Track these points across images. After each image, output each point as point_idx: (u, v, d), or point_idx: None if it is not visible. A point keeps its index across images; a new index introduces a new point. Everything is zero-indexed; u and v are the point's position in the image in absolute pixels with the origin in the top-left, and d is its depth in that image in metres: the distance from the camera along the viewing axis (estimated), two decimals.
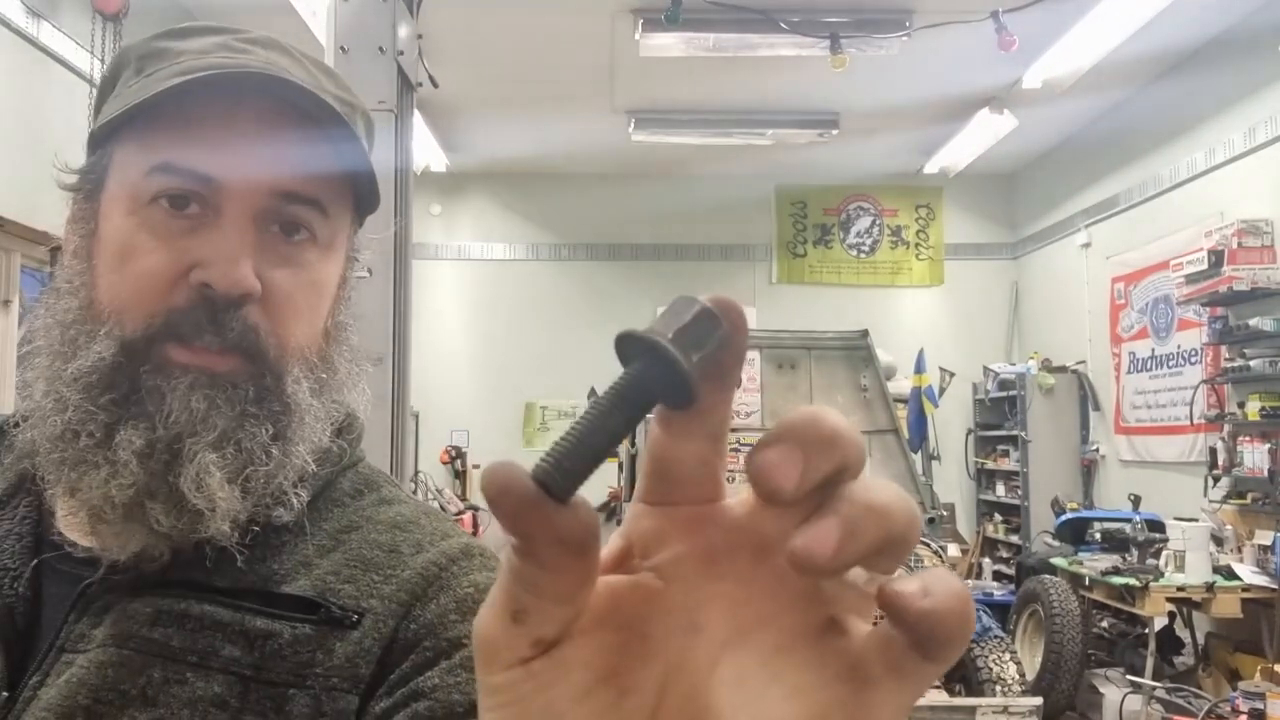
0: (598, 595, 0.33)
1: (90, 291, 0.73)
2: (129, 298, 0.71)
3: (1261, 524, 5.67)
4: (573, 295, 9.45)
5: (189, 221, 0.72)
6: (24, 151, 4.36)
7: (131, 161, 0.73)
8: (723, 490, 0.35)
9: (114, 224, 0.73)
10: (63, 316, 0.73)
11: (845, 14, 5.80)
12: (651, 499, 0.35)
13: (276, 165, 0.73)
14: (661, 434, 0.34)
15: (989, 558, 8.24)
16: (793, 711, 0.32)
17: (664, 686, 0.33)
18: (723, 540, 0.34)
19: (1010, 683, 4.57)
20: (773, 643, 0.33)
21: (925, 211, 9.56)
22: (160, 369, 0.70)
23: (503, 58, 6.70)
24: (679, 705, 0.33)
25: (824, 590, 0.33)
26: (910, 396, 5.82)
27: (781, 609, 0.33)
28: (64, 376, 0.71)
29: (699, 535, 0.34)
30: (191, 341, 0.71)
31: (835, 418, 0.33)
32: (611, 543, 0.35)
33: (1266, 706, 4.24)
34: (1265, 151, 5.86)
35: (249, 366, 0.72)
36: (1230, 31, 6.18)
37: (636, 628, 0.33)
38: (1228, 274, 5.73)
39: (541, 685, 0.32)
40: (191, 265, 0.71)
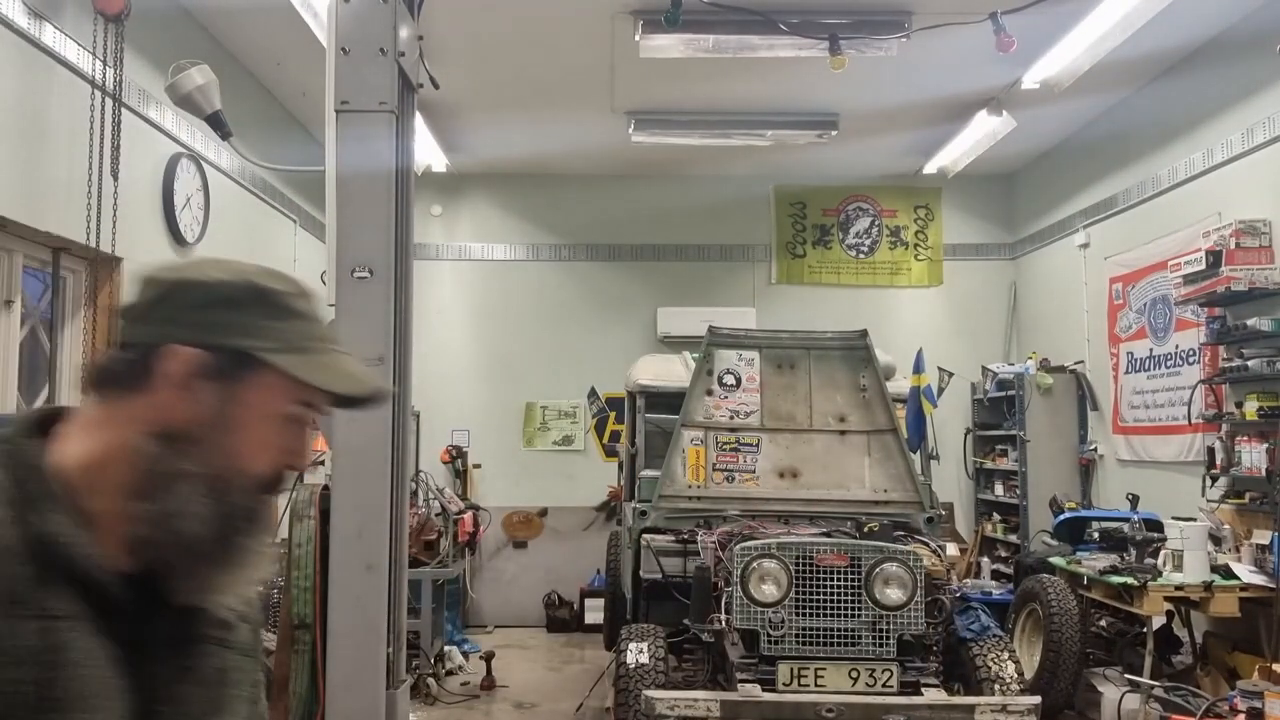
0: None
1: (231, 456, 1.08)
2: (254, 467, 1.10)
3: (1259, 523, 5.68)
4: (573, 295, 9.46)
5: (295, 429, 1.14)
6: (26, 152, 4.37)
7: (279, 389, 1.10)
8: None
9: (258, 419, 1.10)
10: (210, 461, 1.07)
11: (844, 15, 5.82)
12: None
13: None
14: None
15: (987, 557, 8.26)
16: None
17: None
18: None
19: (1009, 681, 4.59)
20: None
21: (924, 212, 9.58)
22: (251, 514, 1.11)
23: (503, 59, 6.72)
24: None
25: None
26: (909, 396, 5.83)
27: None
28: (224, 509, 1.07)
29: None
30: (273, 494, 1.15)
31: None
32: None
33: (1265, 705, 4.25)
34: (1263, 152, 5.88)
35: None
36: (1228, 33, 6.20)
37: None
38: (1225, 274, 5.74)
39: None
40: (289, 454, 1.14)
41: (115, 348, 1.10)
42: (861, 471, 5.49)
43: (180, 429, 1.07)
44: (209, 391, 1.07)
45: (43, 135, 4.47)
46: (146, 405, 1.06)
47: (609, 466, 8.96)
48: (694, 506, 5.40)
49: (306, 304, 1.15)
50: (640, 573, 5.23)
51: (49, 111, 4.51)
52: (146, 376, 1.06)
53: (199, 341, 1.06)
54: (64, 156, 4.57)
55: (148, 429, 1.06)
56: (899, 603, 4.42)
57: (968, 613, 4.97)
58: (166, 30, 5.60)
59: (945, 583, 4.71)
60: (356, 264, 3.50)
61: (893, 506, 5.38)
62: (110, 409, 1.08)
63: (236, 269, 1.12)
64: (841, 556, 4.49)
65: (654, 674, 4.51)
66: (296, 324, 1.12)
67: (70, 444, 1.07)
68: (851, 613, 4.44)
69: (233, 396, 1.08)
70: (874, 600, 4.42)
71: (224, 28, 6.14)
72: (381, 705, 3.35)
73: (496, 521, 9.05)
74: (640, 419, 6.20)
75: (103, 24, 4.70)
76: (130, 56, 4.87)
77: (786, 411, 5.60)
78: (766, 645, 4.41)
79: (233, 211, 6.52)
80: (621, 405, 7.87)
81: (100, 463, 1.05)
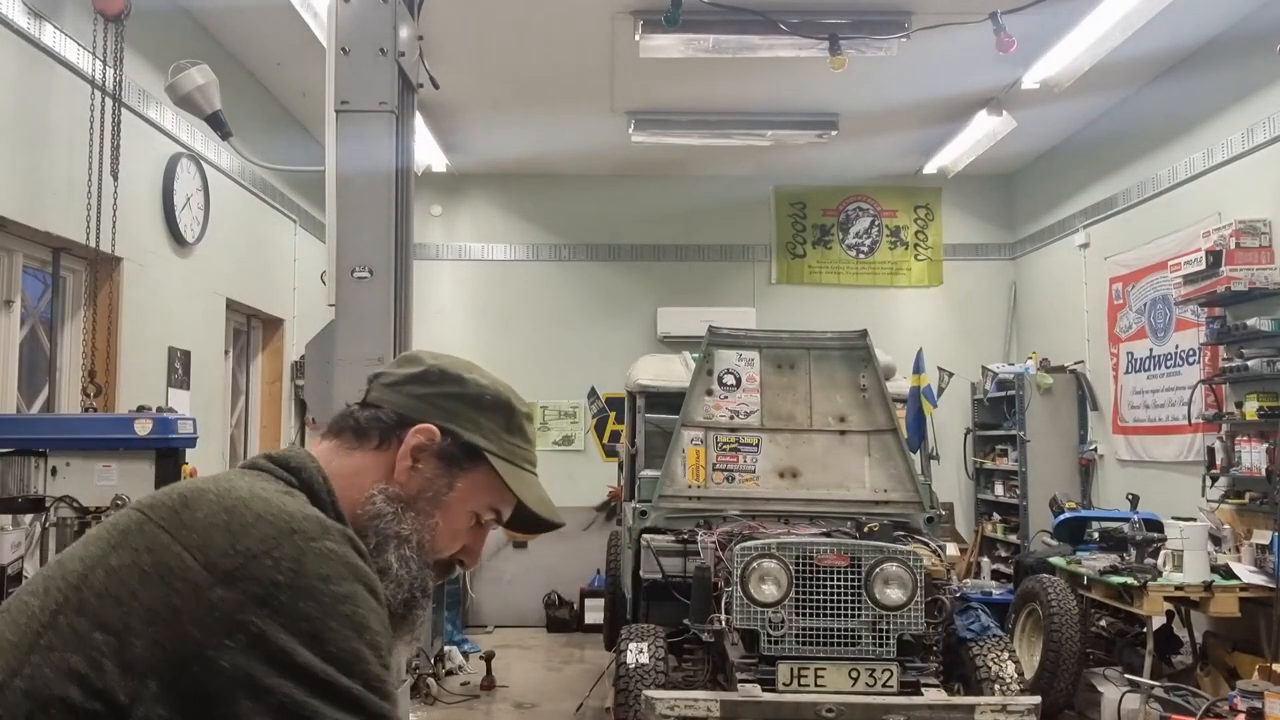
0: None
1: (431, 536, 1.20)
2: (442, 548, 1.23)
3: (1259, 523, 5.68)
4: (573, 295, 9.46)
5: (476, 529, 1.27)
6: (26, 152, 4.37)
7: (486, 490, 1.24)
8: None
9: (459, 508, 1.23)
10: (418, 538, 1.18)
11: (844, 15, 5.82)
12: None
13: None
14: None
15: (987, 557, 8.26)
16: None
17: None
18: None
19: (1009, 681, 4.58)
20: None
21: (924, 212, 9.58)
22: (428, 590, 1.22)
23: (503, 59, 6.72)
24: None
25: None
26: (909, 396, 5.83)
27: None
28: (415, 577, 1.18)
29: None
30: (442, 580, 1.28)
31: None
32: None
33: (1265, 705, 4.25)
34: (1263, 152, 5.88)
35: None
36: (1228, 33, 6.20)
37: None
38: (1225, 274, 5.74)
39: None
40: (467, 549, 1.27)
41: (361, 405, 1.23)
42: (861, 471, 5.49)
43: (408, 495, 1.18)
44: (437, 470, 1.20)
45: (43, 135, 4.47)
46: (386, 466, 1.19)
47: (609, 466, 8.96)
48: (694, 506, 5.40)
49: (531, 428, 1.30)
50: (640, 573, 5.23)
51: (49, 111, 4.51)
52: (391, 440, 1.19)
53: (443, 425, 1.20)
54: (64, 156, 4.57)
55: (385, 488, 1.17)
56: (899, 603, 4.42)
57: (968, 613, 4.97)
58: (166, 30, 5.60)
59: (945, 583, 4.70)
60: (356, 264, 3.50)
61: (893, 506, 5.38)
62: (355, 460, 1.19)
63: (492, 379, 1.29)
64: (841, 556, 4.48)
65: (654, 674, 4.51)
66: (519, 441, 1.27)
67: (339, 489, 1.16)
68: (851, 613, 4.43)
69: (452, 482, 1.21)
70: (874, 600, 4.42)
71: (224, 28, 6.14)
72: None
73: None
74: (640, 419, 6.19)
75: (103, 24, 4.70)
76: (130, 56, 4.87)
77: (786, 411, 5.59)
78: (766, 645, 4.41)
79: (233, 211, 6.52)
80: (621, 405, 7.87)
81: (353, 511, 1.15)
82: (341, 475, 1.17)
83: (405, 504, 1.17)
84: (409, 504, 1.17)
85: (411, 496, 1.18)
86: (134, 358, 5.19)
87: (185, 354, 5.79)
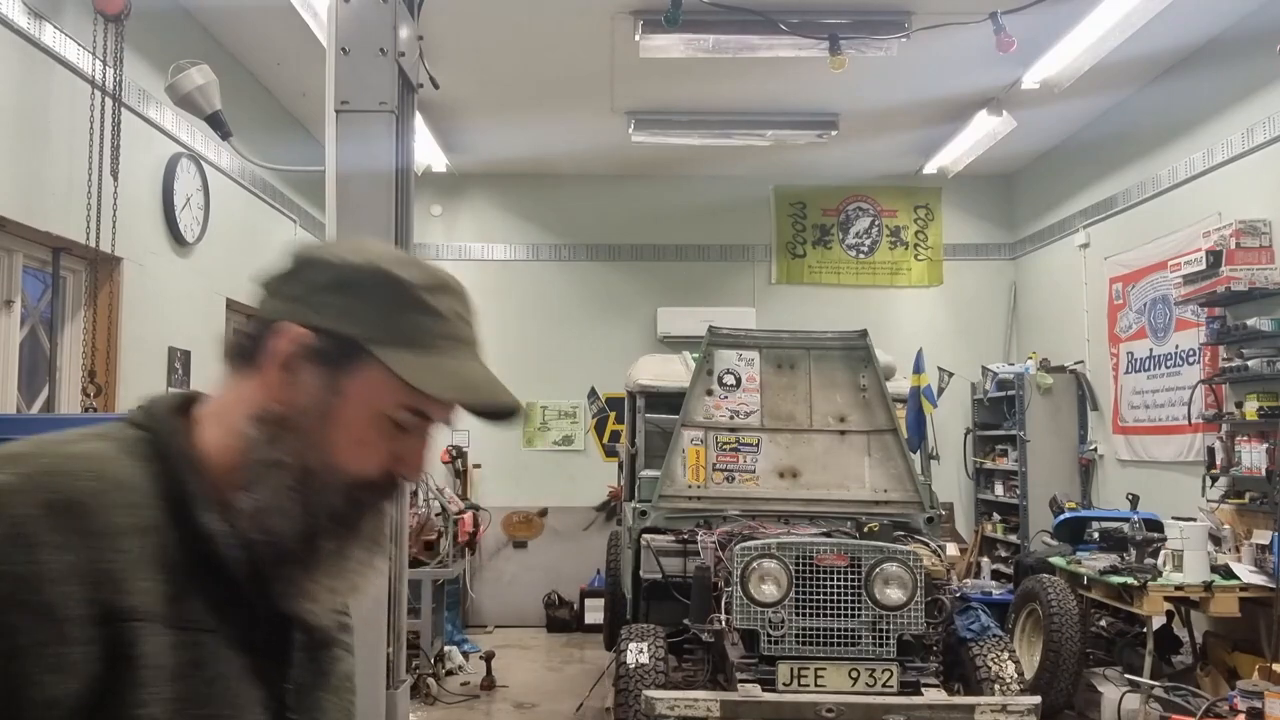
0: None
1: (326, 453, 0.99)
2: (355, 474, 1.01)
3: (1259, 523, 5.68)
4: (573, 295, 9.46)
5: (402, 435, 1.03)
6: (26, 152, 4.37)
7: (389, 390, 1.00)
8: None
9: (361, 417, 1.00)
10: (303, 457, 0.99)
11: (844, 15, 5.82)
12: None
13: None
14: None
15: (987, 557, 8.26)
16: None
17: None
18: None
19: (1009, 681, 4.58)
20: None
21: (924, 212, 9.58)
22: (341, 517, 1.02)
23: (503, 59, 6.72)
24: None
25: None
26: (909, 396, 5.82)
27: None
28: (309, 506, 0.98)
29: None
30: (378, 501, 1.05)
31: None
32: None
33: (1264, 705, 4.25)
34: (1263, 152, 5.87)
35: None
36: (1227, 33, 6.19)
37: None
38: (1225, 274, 5.74)
39: None
40: (398, 465, 1.03)
41: (249, 321, 1.06)
42: (861, 471, 5.49)
43: (286, 414, 0.99)
44: (317, 377, 0.99)
45: (43, 135, 4.47)
46: (256, 385, 1.00)
47: (609, 466, 8.96)
48: (694, 506, 5.40)
49: (441, 298, 1.03)
50: (640, 573, 5.23)
51: (49, 111, 4.51)
52: (261, 354, 1.00)
53: (308, 322, 0.99)
54: (64, 156, 4.57)
55: (254, 412, 0.99)
56: (899, 603, 4.42)
57: (968, 613, 4.97)
58: (166, 30, 5.60)
59: (945, 583, 4.70)
60: None
61: (893, 506, 5.38)
62: (233, 388, 1.03)
63: (368, 252, 1.03)
64: (841, 556, 4.48)
65: (654, 674, 4.51)
66: (421, 319, 1.01)
67: (207, 430, 1.01)
68: (851, 613, 4.43)
69: (335, 387, 0.99)
70: (874, 600, 4.42)
71: (224, 28, 6.14)
72: (382, 705, 3.35)
73: (496, 521, 9.05)
74: (640, 419, 6.19)
75: (103, 24, 4.70)
76: (130, 56, 4.87)
77: (786, 411, 5.59)
78: (766, 645, 4.41)
79: (233, 211, 6.51)
80: (621, 405, 7.86)
81: (224, 449, 0.99)
82: (218, 414, 1.01)
83: (281, 425, 0.98)
84: (286, 424, 0.98)
85: (292, 415, 0.99)
86: (134, 358, 5.19)
87: (185, 354, 5.79)
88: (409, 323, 1.00)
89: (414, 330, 1.00)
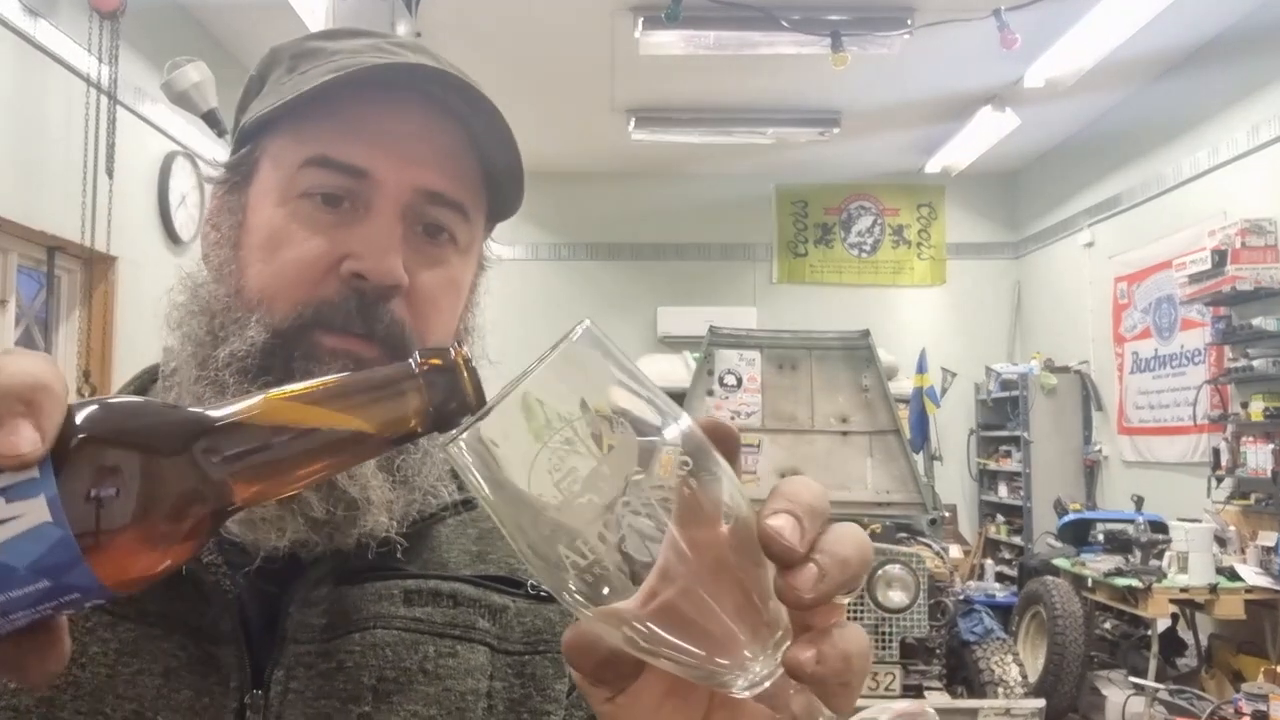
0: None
1: (239, 280, 0.74)
2: (280, 286, 0.72)
3: (1265, 525, 5.64)
4: (573, 295, 9.42)
5: (339, 215, 0.73)
6: (21, 150, 4.34)
7: (284, 154, 0.74)
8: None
9: (264, 214, 0.74)
10: (210, 304, 0.74)
11: (846, 12, 5.78)
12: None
13: (430, 162, 0.74)
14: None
15: (991, 559, 8.22)
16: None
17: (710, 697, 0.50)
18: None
19: (1012, 684, 4.56)
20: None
21: (927, 211, 9.53)
22: (310, 355, 0.71)
23: (502, 55, 6.68)
24: (720, 704, 0.49)
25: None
26: (912, 397, 5.79)
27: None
28: (217, 361, 0.71)
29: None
30: (341, 331, 0.71)
31: (818, 486, 0.47)
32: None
33: (1269, 708, 4.22)
34: (1268, 150, 5.83)
35: (394, 359, 0.69)
36: (1233, 30, 6.15)
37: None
38: (1231, 273, 5.70)
39: (626, 708, 0.49)
40: (344, 256, 0.72)
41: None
42: (864, 473, 5.45)
43: (209, 267, 0.77)
44: (227, 205, 0.78)
45: (37, 133, 4.44)
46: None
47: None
48: None
49: (329, 40, 0.78)
50: None
51: (44, 109, 4.48)
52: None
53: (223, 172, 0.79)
54: (59, 154, 4.54)
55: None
56: (902, 605, 4.38)
57: (971, 615, 4.94)
58: (162, 27, 5.57)
59: (948, 585, 4.68)
60: None
61: (895, 508, 5.34)
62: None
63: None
64: None
65: None
66: (301, 62, 0.77)
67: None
68: (853, 615, 4.39)
69: (243, 199, 0.77)
70: (876, 603, 4.39)
71: (220, 24, 6.11)
72: None
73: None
74: None
75: (98, 21, 4.66)
76: (126, 53, 4.83)
77: (788, 412, 5.56)
78: None
79: None
80: None
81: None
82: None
83: (198, 284, 0.77)
84: (206, 280, 0.76)
85: (211, 262, 0.77)
86: (129, 357, 5.15)
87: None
88: (293, 76, 0.76)
89: (292, 74, 0.76)
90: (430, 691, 0.71)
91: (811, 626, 0.45)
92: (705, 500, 0.44)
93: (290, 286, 0.72)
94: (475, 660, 0.74)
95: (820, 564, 0.43)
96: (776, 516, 0.44)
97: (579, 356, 0.46)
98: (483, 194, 0.80)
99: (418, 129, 0.75)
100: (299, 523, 0.69)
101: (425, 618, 0.73)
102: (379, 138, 0.73)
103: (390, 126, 0.74)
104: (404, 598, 0.74)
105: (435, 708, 0.71)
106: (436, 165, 0.75)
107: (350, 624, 0.71)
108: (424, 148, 0.74)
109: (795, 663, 0.44)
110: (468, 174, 0.77)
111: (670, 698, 0.50)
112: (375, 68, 0.72)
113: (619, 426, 0.43)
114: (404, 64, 0.74)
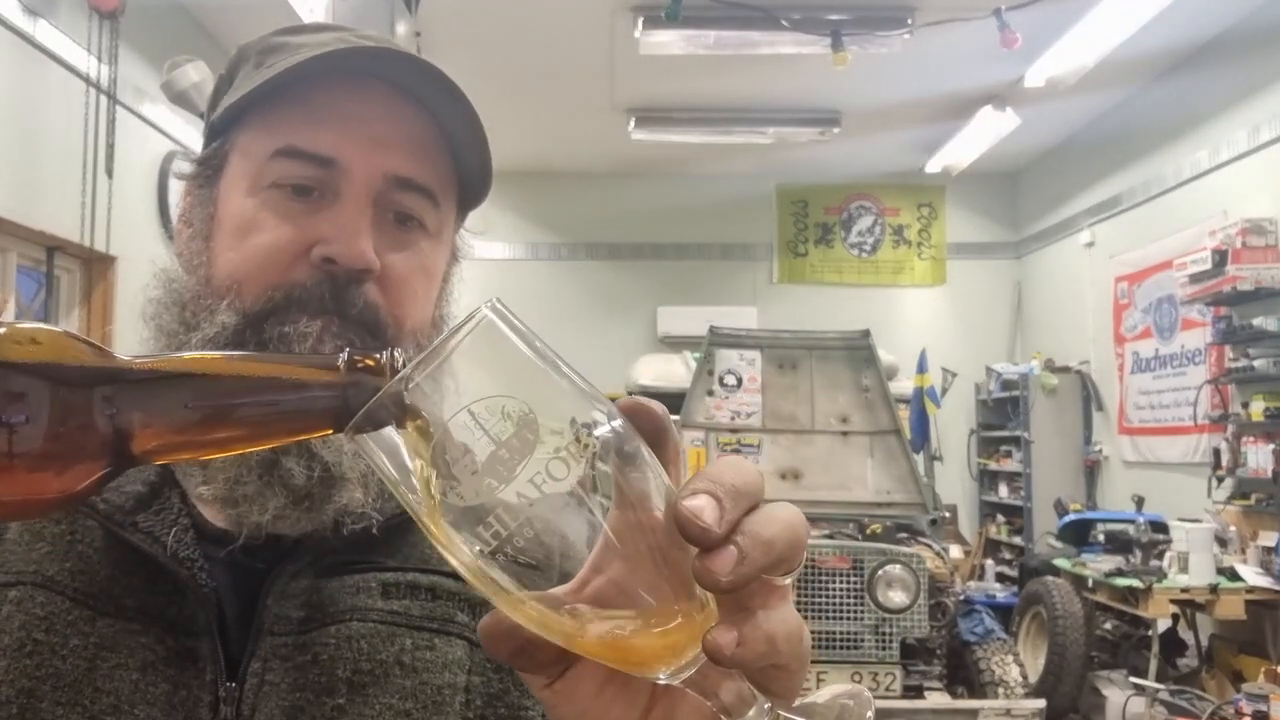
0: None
1: (209, 269, 0.75)
2: (249, 271, 0.72)
3: (1265, 525, 5.64)
4: (572, 295, 9.41)
5: (309, 204, 0.73)
6: (20, 150, 4.33)
7: (253, 145, 0.75)
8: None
9: (234, 204, 0.75)
10: (181, 295, 0.75)
11: (847, 11, 5.77)
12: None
13: (398, 147, 0.75)
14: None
15: (991, 559, 8.21)
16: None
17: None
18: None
19: (1013, 685, 4.55)
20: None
21: (927, 210, 9.53)
22: (283, 337, 0.71)
23: (502, 55, 6.67)
24: (663, 691, 0.49)
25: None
26: (912, 397, 5.79)
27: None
28: (189, 346, 0.72)
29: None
30: (315, 314, 0.72)
31: (748, 466, 0.46)
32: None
33: (1270, 709, 4.22)
34: (1269, 150, 5.83)
35: (372, 342, 0.72)
36: (1233, 29, 6.15)
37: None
38: (1231, 273, 5.69)
39: (564, 695, 0.49)
40: (314, 242, 0.72)
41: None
42: (864, 473, 5.44)
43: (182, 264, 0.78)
44: (199, 201, 0.78)
45: (37, 133, 4.43)
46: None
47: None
48: None
49: (295, 35, 0.80)
50: None
51: (43, 109, 4.47)
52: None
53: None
54: (58, 154, 4.53)
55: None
56: (902, 606, 4.38)
57: (971, 615, 4.94)
58: (162, 26, 5.56)
59: (949, 585, 4.67)
60: None
61: (896, 508, 5.34)
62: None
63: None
64: (843, 559, 4.44)
65: None
66: (268, 57, 0.79)
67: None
68: (854, 616, 4.39)
69: (213, 192, 0.77)
70: (876, 603, 4.38)
71: (220, 24, 6.10)
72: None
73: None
74: None
75: (98, 20, 4.66)
76: (125, 53, 4.83)
77: (788, 412, 5.55)
78: None
79: None
80: None
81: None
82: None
83: (171, 279, 0.78)
84: (179, 274, 0.78)
85: (184, 257, 0.78)
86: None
87: None
88: (256, 73, 0.77)
89: (254, 71, 0.77)
90: (406, 685, 0.71)
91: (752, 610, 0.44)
92: (623, 482, 0.43)
93: (260, 271, 0.72)
94: (453, 654, 0.74)
95: (740, 545, 0.41)
96: (695, 497, 0.42)
97: (489, 340, 0.46)
98: (452, 180, 0.80)
99: (384, 115, 0.75)
100: (280, 498, 0.69)
101: (403, 611, 0.73)
102: (346, 126, 0.74)
103: (357, 113, 0.74)
104: (382, 590, 0.73)
105: (411, 701, 0.70)
106: (404, 150, 0.75)
107: (327, 616, 0.71)
108: (391, 133, 0.75)
109: (713, 646, 0.42)
110: (436, 159, 0.77)
111: (610, 684, 0.49)
112: (335, 53, 0.73)
113: (523, 410, 0.42)
114: (366, 48, 0.75)
